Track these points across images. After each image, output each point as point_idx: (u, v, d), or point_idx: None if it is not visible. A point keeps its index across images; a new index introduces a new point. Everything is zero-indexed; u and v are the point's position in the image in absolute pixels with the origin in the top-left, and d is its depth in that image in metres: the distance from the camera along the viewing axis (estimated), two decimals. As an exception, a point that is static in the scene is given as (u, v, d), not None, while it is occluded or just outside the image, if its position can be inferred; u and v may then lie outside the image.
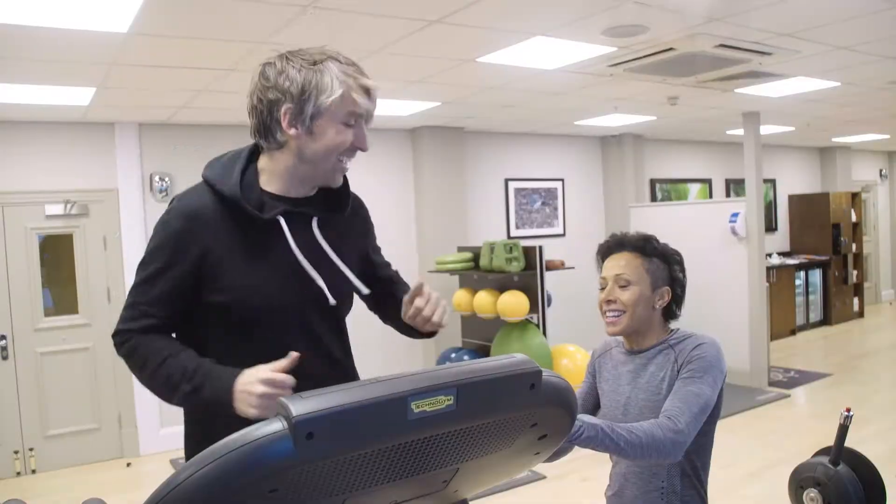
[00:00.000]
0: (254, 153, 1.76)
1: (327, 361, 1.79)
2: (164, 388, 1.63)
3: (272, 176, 1.73)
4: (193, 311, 1.70)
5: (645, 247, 2.04)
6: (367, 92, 1.66)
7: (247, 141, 1.80)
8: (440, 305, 1.79)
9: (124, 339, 1.67)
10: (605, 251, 2.11)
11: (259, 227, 1.68)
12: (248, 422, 1.42)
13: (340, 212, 1.82)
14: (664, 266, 2.05)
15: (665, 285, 2.04)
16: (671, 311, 2.08)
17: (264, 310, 1.68)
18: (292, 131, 1.64)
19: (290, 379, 1.52)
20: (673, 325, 2.11)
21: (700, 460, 1.99)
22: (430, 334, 1.86)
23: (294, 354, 1.55)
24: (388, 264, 2.06)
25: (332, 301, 1.74)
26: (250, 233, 1.68)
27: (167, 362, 1.61)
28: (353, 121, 1.66)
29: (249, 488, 0.91)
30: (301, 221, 1.74)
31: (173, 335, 1.71)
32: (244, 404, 1.52)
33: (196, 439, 1.77)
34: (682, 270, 2.09)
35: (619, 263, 2.04)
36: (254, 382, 1.51)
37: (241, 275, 1.66)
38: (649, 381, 1.99)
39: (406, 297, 1.80)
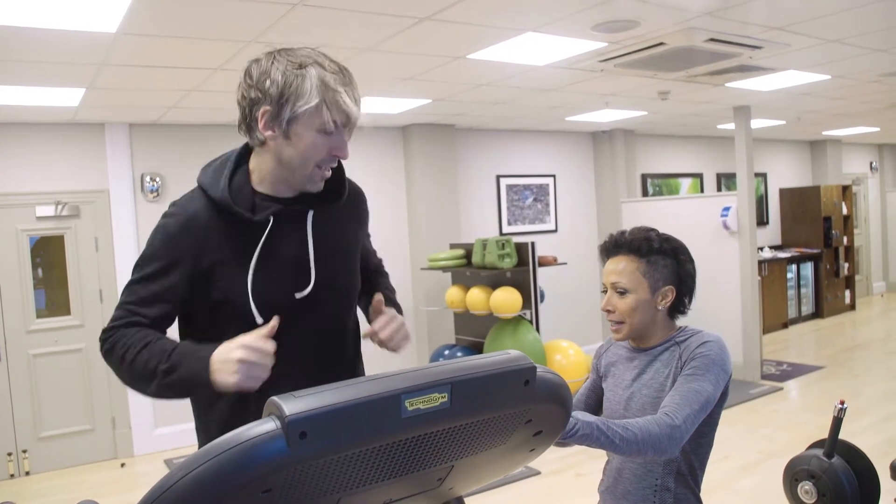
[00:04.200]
0: (244, 155, 1.76)
1: (333, 358, 1.79)
2: (144, 374, 1.58)
3: (262, 176, 1.72)
4: (196, 313, 1.70)
5: (641, 247, 1.99)
6: (347, 103, 1.62)
7: (239, 140, 1.79)
8: (399, 334, 1.78)
9: (108, 336, 1.65)
10: (605, 253, 2.07)
11: (254, 227, 1.68)
12: (240, 415, 1.43)
13: (337, 201, 1.80)
14: (668, 262, 1.99)
15: (668, 284, 1.99)
16: (679, 306, 2.03)
17: (264, 308, 1.66)
18: (268, 133, 1.63)
19: (269, 344, 1.49)
20: (680, 321, 2.08)
21: (697, 460, 1.97)
22: None
23: (273, 322, 1.53)
24: (374, 252, 2.07)
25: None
26: (245, 234, 1.68)
27: (147, 348, 1.58)
28: (331, 128, 1.62)
29: (243, 489, 0.90)
30: (295, 219, 1.73)
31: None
32: (224, 374, 1.49)
33: (203, 430, 1.78)
34: (690, 261, 2.04)
35: (617, 269, 2.00)
36: (232, 349, 1.49)
37: (238, 276, 1.66)
38: (653, 378, 1.97)
39: (371, 308, 1.84)
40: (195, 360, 1.53)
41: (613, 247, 2.05)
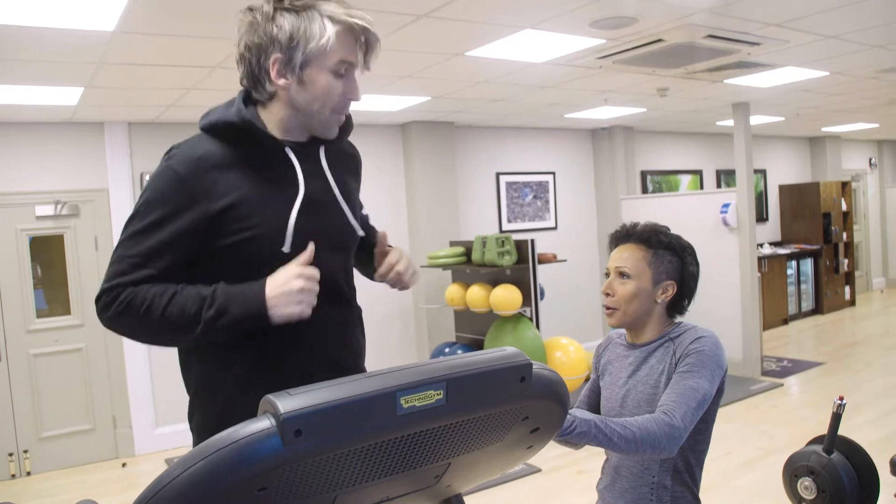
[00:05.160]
0: (247, 98, 1.70)
1: (337, 299, 1.74)
2: (180, 324, 1.50)
3: (272, 126, 1.65)
4: (202, 259, 1.60)
5: (650, 239, 2.01)
6: (360, 34, 1.60)
7: None
8: (411, 269, 1.85)
9: (116, 295, 1.51)
10: (614, 241, 2.10)
11: (271, 162, 1.63)
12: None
13: (342, 139, 1.80)
14: (673, 258, 2.01)
15: (670, 279, 2.00)
16: (678, 304, 2.04)
17: (298, 242, 1.60)
18: (282, 81, 1.59)
19: (316, 270, 1.54)
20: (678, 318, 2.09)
21: (694, 458, 1.97)
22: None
23: (311, 248, 1.55)
24: (362, 206, 2.02)
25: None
26: (262, 170, 1.63)
27: (176, 298, 1.50)
28: (343, 70, 1.60)
29: (238, 487, 0.90)
30: (310, 156, 1.71)
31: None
32: (287, 306, 1.50)
33: (210, 393, 1.68)
34: (695, 263, 2.05)
35: (623, 255, 2.02)
36: (289, 280, 1.50)
37: (263, 211, 1.59)
38: (648, 375, 1.97)
39: (376, 250, 1.87)
40: (246, 299, 1.50)
41: (624, 236, 2.08)
